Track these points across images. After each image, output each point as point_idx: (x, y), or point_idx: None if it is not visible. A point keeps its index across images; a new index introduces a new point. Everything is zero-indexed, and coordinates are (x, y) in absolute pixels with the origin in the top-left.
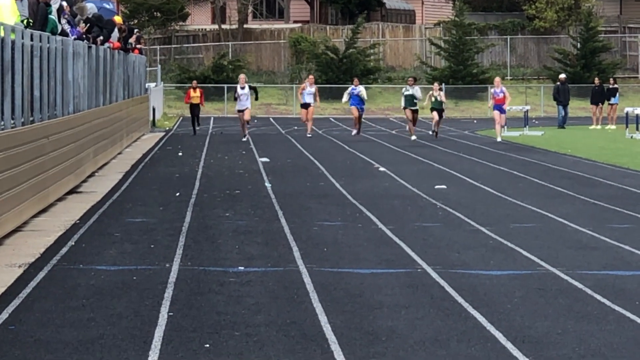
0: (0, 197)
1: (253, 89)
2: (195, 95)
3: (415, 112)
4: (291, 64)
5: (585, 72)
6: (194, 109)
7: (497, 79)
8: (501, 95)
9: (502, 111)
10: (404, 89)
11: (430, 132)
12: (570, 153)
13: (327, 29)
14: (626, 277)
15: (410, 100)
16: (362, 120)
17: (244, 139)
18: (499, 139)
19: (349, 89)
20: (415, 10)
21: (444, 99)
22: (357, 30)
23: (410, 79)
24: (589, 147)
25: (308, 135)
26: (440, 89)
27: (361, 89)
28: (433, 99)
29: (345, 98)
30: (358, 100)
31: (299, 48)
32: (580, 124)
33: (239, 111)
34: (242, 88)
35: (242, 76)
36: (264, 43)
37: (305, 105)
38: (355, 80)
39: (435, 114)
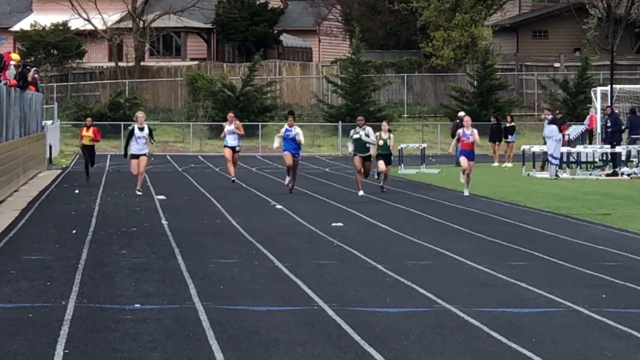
0: None
1: (150, 133)
2: (88, 134)
3: (367, 159)
4: (188, 102)
5: (482, 110)
6: (88, 150)
7: (467, 118)
8: (471, 138)
9: (471, 158)
10: (352, 132)
11: (377, 177)
12: None
13: (224, 66)
14: (522, 314)
15: (363, 144)
16: (296, 165)
17: (140, 192)
18: (466, 193)
19: (282, 130)
20: (312, 48)
21: (392, 142)
22: (254, 68)
23: (360, 118)
24: (485, 185)
25: (232, 181)
26: (390, 130)
27: (298, 131)
28: (382, 142)
29: (276, 143)
30: (294, 145)
31: (196, 86)
32: (478, 161)
33: (134, 156)
34: (141, 129)
35: (140, 114)
36: (160, 81)
37: (231, 148)
38: (290, 120)
39: (381, 163)
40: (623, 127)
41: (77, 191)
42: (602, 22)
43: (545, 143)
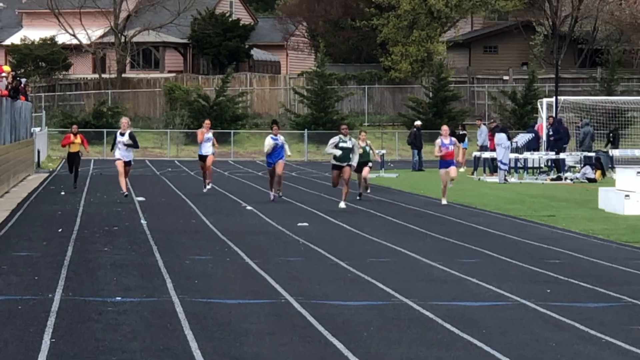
0: None
1: (132, 138)
2: (76, 141)
3: (347, 166)
4: (166, 111)
5: (437, 119)
6: (73, 158)
7: (445, 128)
8: (450, 148)
9: (452, 165)
10: (337, 140)
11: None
12: (422, 194)
13: (199, 78)
14: (474, 307)
15: (347, 154)
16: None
17: (124, 194)
18: (444, 202)
19: (268, 138)
20: (281, 62)
21: (373, 150)
22: (227, 80)
23: (344, 126)
24: (439, 189)
25: (209, 187)
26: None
27: (283, 140)
28: (361, 150)
29: (267, 148)
30: (281, 153)
31: (173, 96)
32: (434, 167)
33: (119, 159)
34: (122, 134)
35: (124, 120)
36: (140, 91)
37: (203, 157)
38: (275, 128)
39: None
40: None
41: (62, 193)
42: (547, 38)
43: (480, 150)
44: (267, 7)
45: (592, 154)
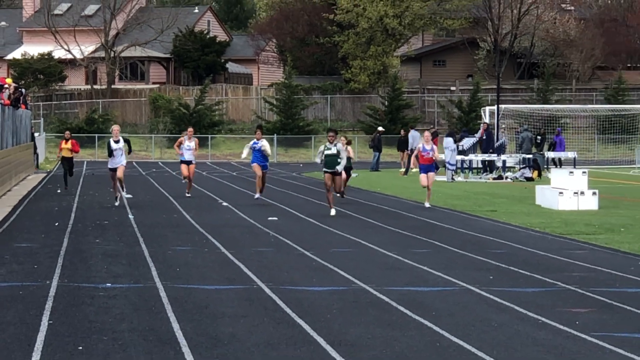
0: None
1: (127, 142)
2: (67, 147)
3: (337, 175)
4: (150, 118)
5: (392, 125)
6: (67, 162)
7: (427, 134)
8: (431, 153)
9: (431, 170)
10: (323, 147)
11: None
12: (379, 191)
13: (180, 89)
14: (425, 292)
15: (334, 160)
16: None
17: (117, 203)
18: (427, 205)
19: (251, 142)
20: (253, 74)
21: (351, 154)
22: (205, 90)
23: (331, 134)
24: (394, 187)
25: (187, 195)
26: (349, 142)
27: (264, 143)
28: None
29: (245, 153)
30: (260, 157)
31: (157, 104)
32: (389, 167)
33: (112, 170)
34: (117, 142)
35: (116, 127)
36: (128, 100)
37: (187, 162)
38: (258, 133)
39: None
40: (478, 138)
41: (59, 191)
42: (490, 53)
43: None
44: (241, 25)
45: (530, 156)
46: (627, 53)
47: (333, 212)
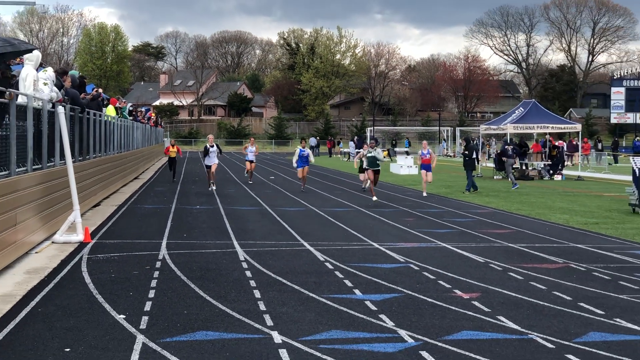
0: (83, 194)
1: (218, 147)
2: (173, 150)
3: (377, 172)
4: (216, 132)
5: (326, 137)
6: (172, 161)
7: (425, 143)
8: (428, 156)
9: (428, 169)
10: (365, 151)
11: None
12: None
13: (230, 119)
14: (338, 212)
15: (373, 161)
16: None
17: (210, 189)
18: (424, 194)
19: (297, 150)
20: (263, 112)
21: (381, 155)
22: (242, 120)
23: (372, 141)
24: (340, 165)
25: (250, 182)
26: (375, 146)
27: (309, 152)
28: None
29: (295, 159)
30: (305, 161)
31: (220, 126)
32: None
33: (207, 166)
34: (212, 146)
35: (211, 136)
36: (207, 124)
37: (250, 161)
38: (303, 142)
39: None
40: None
41: (173, 179)
42: (370, 103)
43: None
44: (259, 89)
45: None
46: (433, 101)
47: (375, 198)
